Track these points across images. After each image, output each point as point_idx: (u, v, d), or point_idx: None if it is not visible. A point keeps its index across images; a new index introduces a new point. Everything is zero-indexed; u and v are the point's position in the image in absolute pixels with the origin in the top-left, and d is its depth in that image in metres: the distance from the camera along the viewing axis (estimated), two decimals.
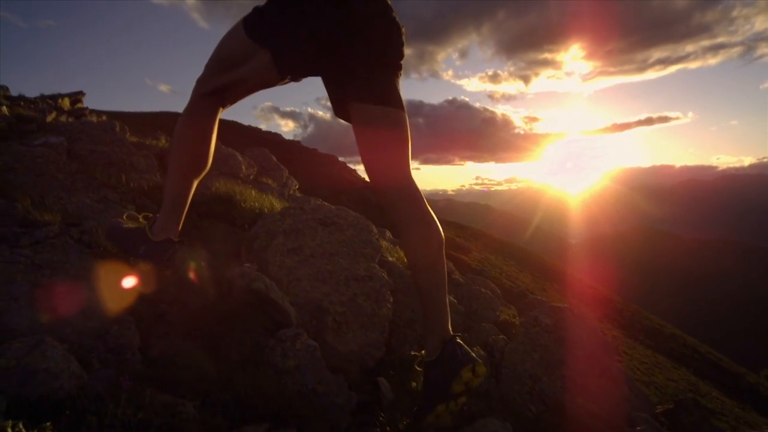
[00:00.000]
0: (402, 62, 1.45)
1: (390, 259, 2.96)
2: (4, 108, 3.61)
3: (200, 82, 1.60)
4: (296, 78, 1.48)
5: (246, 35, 1.40)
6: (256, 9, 1.40)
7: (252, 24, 1.39)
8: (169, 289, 1.91)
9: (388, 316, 2.20)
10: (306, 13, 1.30)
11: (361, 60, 1.37)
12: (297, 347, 1.74)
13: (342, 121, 1.54)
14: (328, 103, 1.53)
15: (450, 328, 1.46)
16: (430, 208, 1.48)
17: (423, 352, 1.51)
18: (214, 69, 1.54)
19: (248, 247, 2.56)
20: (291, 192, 4.44)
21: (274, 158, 4.82)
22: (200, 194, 3.12)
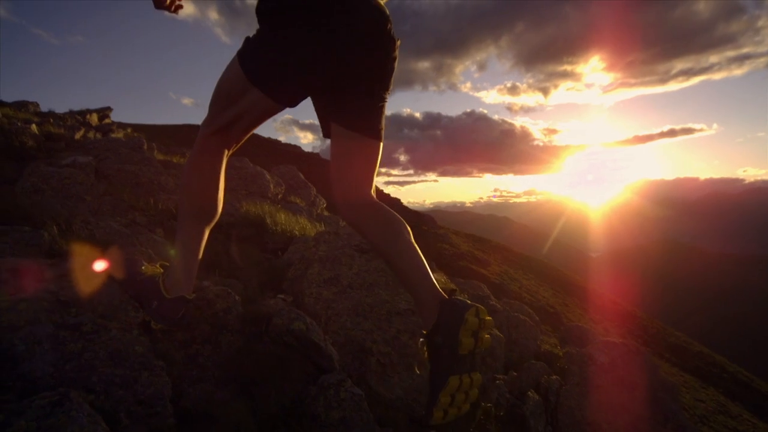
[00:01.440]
0: (387, 91, 1.46)
1: None
2: (34, 126, 3.56)
3: (205, 124, 1.53)
4: (292, 104, 1.42)
5: (240, 68, 1.37)
6: (247, 39, 1.38)
7: (244, 55, 1.37)
8: (202, 326, 1.76)
9: None
10: (289, 39, 1.29)
11: (342, 85, 1.38)
12: (341, 396, 1.57)
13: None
14: None
15: (442, 292, 1.33)
16: (392, 212, 1.47)
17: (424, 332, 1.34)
18: (217, 107, 1.48)
19: (282, 275, 2.41)
20: (319, 211, 4.31)
21: (302, 175, 4.70)
22: (229, 215, 3.00)
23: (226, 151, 1.59)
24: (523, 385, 2.24)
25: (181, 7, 1.56)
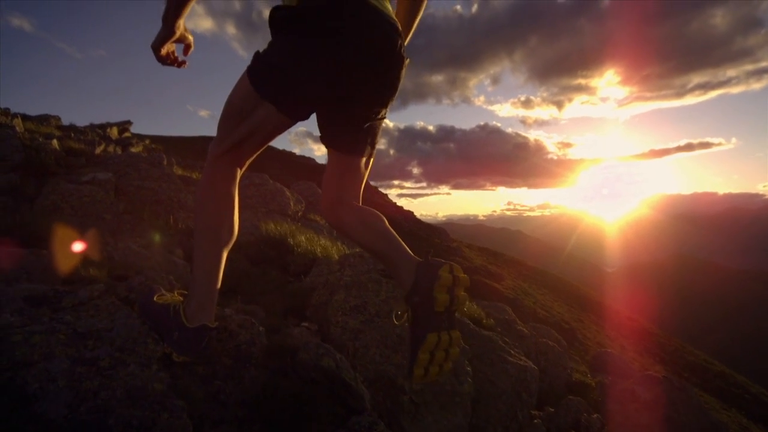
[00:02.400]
0: (387, 108, 1.48)
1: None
2: (55, 141, 3.54)
3: (215, 144, 1.48)
4: (303, 117, 1.41)
5: (251, 84, 1.34)
6: (257, 54, 1.36)
7: (254, 71, 1.34)
8: (224, 359, 1.65)
9: (470, 393, 1.87)
10: (300, 52, 1.28)
11: (345, 103, 1.40)
12: None
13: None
14: None
15: (416, 257, 1.38)
16: (369, 210, 1.53)
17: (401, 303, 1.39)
18: (228, 125, 1.43)
19: (305, 300, 2.30)
20: None
21: (321, 192, 4.60)
22: (250, 234, 2.91)
23: (239, 170, 1.53)
24: (562, 424, 2.09)
25: (185, 63, 1.55)
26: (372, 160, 1.59)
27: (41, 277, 1.77)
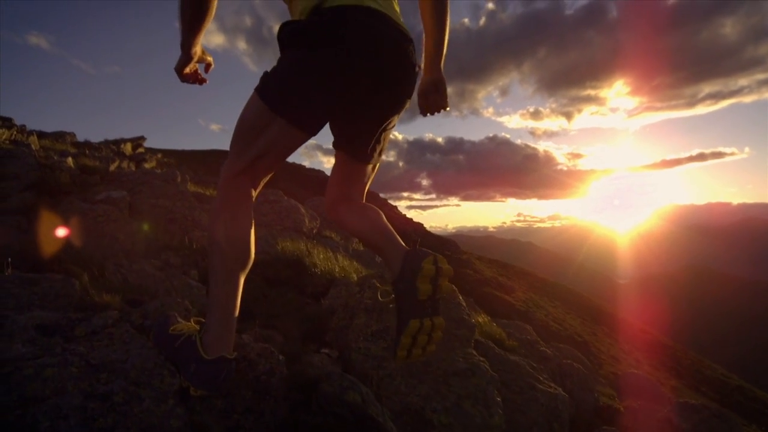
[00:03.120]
0: (398, 115, 1.50)
1: (478, 336, 2.54)
2: (70, 159, 3.51)
3: (229, 165, 1.43)
4: (316, 130, 1.40)
5: (262, 102, 1.33)
6: (265, 75, 1.36)
7: (265, 88, 1.34)
8: (243, 392, 1.57)
9: (501, 426, 1.77)
10: (310, 65, 1.28)
11: (357, 111, 1.42)
12: None
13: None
14: None
15: (405, 246, 1.44)
16: (367, 206, 1.59)
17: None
18: (240, 145, 1.40)
19: (324, 324, 2.22)
20: (354, 245, 4.12)
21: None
22: (265, 253, 2.84)
23: (254, 191, 1.48)
24: None
25: (205, 81, 1.60)
26: (378, 165, 1.65)
27: (54, 303, 1.71)
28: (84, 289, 1.80)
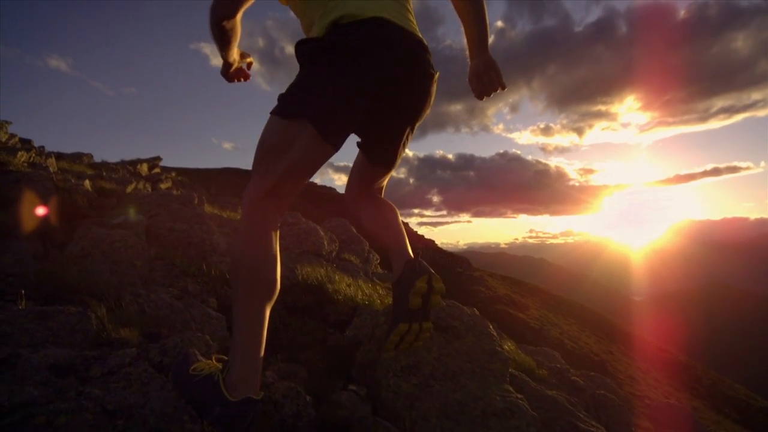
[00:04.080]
0: (419, 121, 1.54)
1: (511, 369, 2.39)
2: (87, 182, 3.47)
3: (253, 189, 1.37)
4: (340, 141, 1.40)
5: (282, 119, 1.33)
6: (282, 95, 1.37)
7: (286, 104, 1.34)
8: None
9: None
10: (330, 77, 1.31)
11: (378, 120, 1.45)
12: None
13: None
14: None
15: (410, 252, 1.57)
16: (384, 202, 1.72)
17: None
18: (263, 165, 1.36)
19: (349, 357, 2.10)
20: (373, 268, 4.02)
21: (354, 229, 4.45)
22: (285, 278, 2.74)
23: (279, 216, 1.40)
24: None
25: (249, 77, 1.74)
26: (395, 168, 1.72)
27: (69, 339, 1.61)
28: (100, 323, 1.70)
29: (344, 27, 1.32)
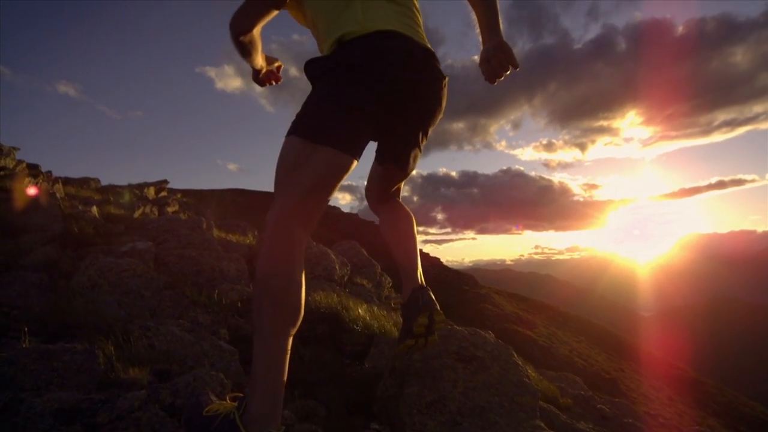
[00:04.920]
0: (433, 126, 1.59)
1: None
2: (95, 208, 3.41)
3: (277, 209, 1.31)
4: (359, 152, 1.40)
5: (300, 138, 1.32)
6: (297, 115, 1.39)
7: (299, 125, 1.35)
8: None
9: None
10: (343, 92, 1.35)
11: (392, 129, 1.50)
12: None
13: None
14: None
15: (419, 279, 1.65)
16: (404, 212, 1.80)
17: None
18: (284, 184, 1.33)
19: (369, 391, 1.98)
20: (386, 292, 3.91)
21: (365, 252, 4.35)
22: None
23: (305, 236, 1.33)
24: None
25: (279, 79, 1.82)
26: (410, 170, 1.75)
27: (75, 380, 1.51)
28: (108, 362, 1.60)
29: (347, 44, 1.38)
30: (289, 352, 1.27)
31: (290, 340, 1.28)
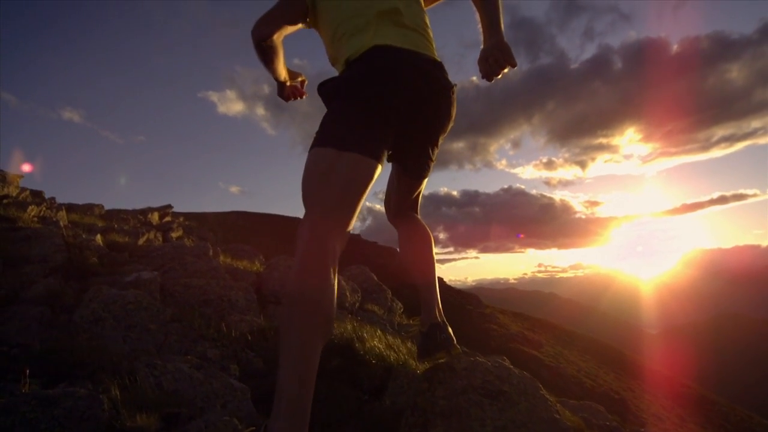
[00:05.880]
0: (444, 133, 1.66)
1: None
2: (99, 236, 3.33)
3: (307, 221, 1.30)
4: (381, 156, 1.45)
5: (324, 148, 1.38)
6: (317, 131, 1.45)
7: (321, 136, 1.41)
8: None
9: None
10: (357, 107, 1.42)
11: (407, 137, 1.58)
12: None
13: None
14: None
15: (438, 314, 1.79)
16: (422, 230, 1.85)
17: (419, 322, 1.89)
18: (315, 196, 1.34)
19: (390, 430, 1.86)
20: (397, 318, 3.79)
21: (375, 277, 4.24)
22: None
23: (338, 247, 1.32)
24: None
25: (304, 94, 1.89)
26: (426, 180, 1.83)
27: (78, 429, 1.40)
28: (113, 407, 1.49)
29: (352, 63, 1.47)
30: (315, 370, 1.18)
31: (318, 354, 1.19)
